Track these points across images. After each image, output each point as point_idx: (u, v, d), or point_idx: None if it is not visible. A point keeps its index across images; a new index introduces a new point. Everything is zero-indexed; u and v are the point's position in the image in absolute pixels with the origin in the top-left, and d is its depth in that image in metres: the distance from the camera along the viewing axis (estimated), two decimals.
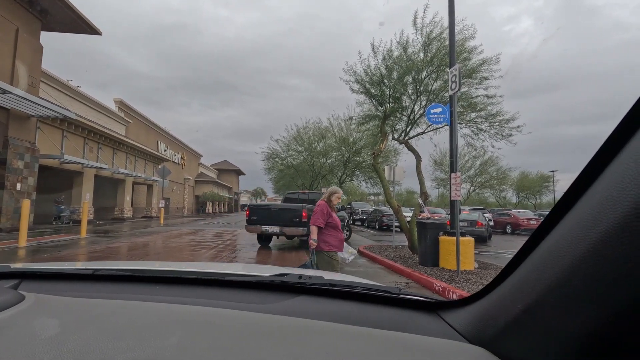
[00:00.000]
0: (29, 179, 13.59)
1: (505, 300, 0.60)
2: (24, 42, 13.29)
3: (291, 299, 0.91)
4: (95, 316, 0.70)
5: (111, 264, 1.26)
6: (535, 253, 0.55)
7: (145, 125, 32.46)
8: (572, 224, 0.48)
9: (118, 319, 0.69)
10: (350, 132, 21.32)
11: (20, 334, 0.58)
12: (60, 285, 1.00)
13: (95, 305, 0.77)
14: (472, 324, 0.67)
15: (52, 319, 0.67)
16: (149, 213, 29.70)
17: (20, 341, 0.55)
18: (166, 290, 0.98)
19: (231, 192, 66.36)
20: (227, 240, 12.07)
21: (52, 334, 0.59)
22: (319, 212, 4.03)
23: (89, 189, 20.00)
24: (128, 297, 0.87)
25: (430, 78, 9.34)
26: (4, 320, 0.62)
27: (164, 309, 0.78)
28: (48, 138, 15.99)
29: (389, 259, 7.68)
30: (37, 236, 11.29)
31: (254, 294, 0.96)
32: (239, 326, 0.70)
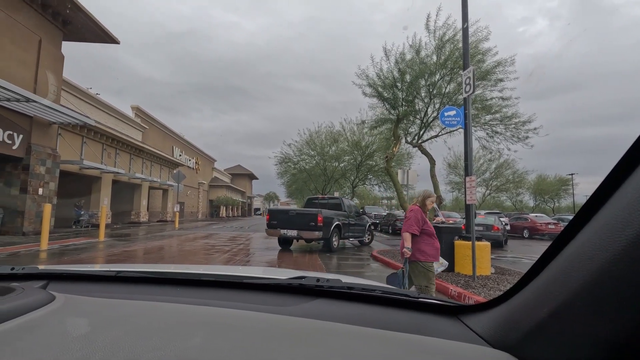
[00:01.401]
0: (51, 184, 14.02)
1: (530, 304, 0.59)
2: (47, 52, 13.78)
3: (309, 301, 0.91)
4: (121, 316, 0.72)
5: (132, 266, 1.30)
6: (561, 257, 0.54)
7: (161, 131, 33.13)
8: (599, 226, 0.47)
9: (143, 319, 0.71)
10: (363, 135, 21.28)
11: (53, 332, 0.61)
12: (85, 286, 1.04)
13: (119, 305, 0.80)
14: (495, 328, 0.66)
15: (81, 318, 0.70)
16: (164, 217, 30.22)
17: (54, 339, 0.58)
18: (186, 292, 1.00)
19: (244, 197, 66.96)
20: (241, 244, 12.17)
21: (82, 333, 0.62)
22: (412, 218, 3.71)
23: (107, 194, 20.49)
24: (150, 298, 0.90)
25: (444, 81, 9.28)
26: (38, 318, 0.64)
27: (186, 310, 0.79)
28: (68, 144, 16.49)
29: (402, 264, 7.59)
30: (58, 239, 11.62)
31: (272, 297, 0.97)
32: (259, 328, 0.71)
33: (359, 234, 12.47)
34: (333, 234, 10.33)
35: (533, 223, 19.27)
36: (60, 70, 14.86)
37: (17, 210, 12.73)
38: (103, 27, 15.51)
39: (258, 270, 2.18)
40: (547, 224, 18.82)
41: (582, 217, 0.51)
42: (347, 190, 31.15)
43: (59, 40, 14.66)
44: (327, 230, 10.07)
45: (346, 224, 11.33)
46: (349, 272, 7.31)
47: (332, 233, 10.23)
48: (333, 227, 10.29)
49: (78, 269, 1.20)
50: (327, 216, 10.18)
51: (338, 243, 10.83)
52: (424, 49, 8.64)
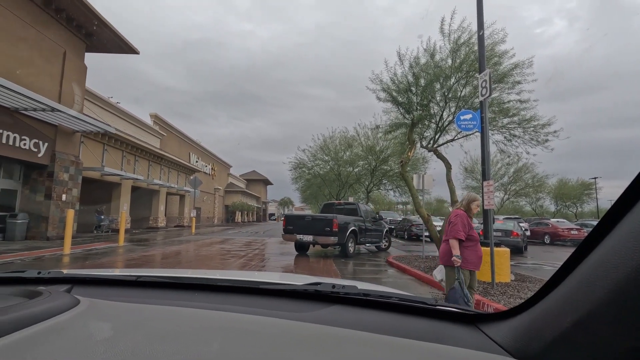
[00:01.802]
0: (73, 190, 14.49)
1: (553, 313, 0.57)
2: (71, 63, 14.33)
3: (325, 308, 0.91)
4: (141, 320, 0.74)
5: (151, 271, 1.34)
6: (584, 264, 0.53)
7: (178, 138, 33.85)
8: (626, 233, 0.46)
9: (162, 324, 0.73)
10: (377, 140, 21.17)
11: (79, 335, 0.62)
12: (107, 290, 1.07)
13: (140, 309, 0.82)
14: (516, 338, 0.65)
15: (104, 322, 0.72)
16: (181, 222, 30.75)
17: (79, 342, 0.60)
18: (204, 297, 1.02)
19: (259, 202, 67.50)
20: (256, 250, 12.24)
21: (105, 336, 0.64)
22: (459, 223, 3.55)
23: (127, 200, 21.03)
24: (169, 302, 0.91)
25: (459, 84, 9.16)
26: (64, 322, 0.67)
27: (204, 315, 0.81)
28: (90, 152, 17.05)
29: (419, 270, 7.48)
30: (81, 244, 11.97)
31: (287, 303, 0.97)
32: (276, 334, 0.71)
33: (376, 240, 12.39)
34: (349, 239, 10.32)
35: (554, 229, 18.69)
36: (84, 80, 15.42)
37: (42, 216, 13.19)
38: (124, 38, 16.04)
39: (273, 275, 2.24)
40: (570, 230, 18.22)
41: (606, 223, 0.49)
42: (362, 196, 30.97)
43: (82, 52, 15.25)
44: (343, 235, 10.07)
45: (363, 229, 11.28)
46: (364, 278, 7.25)
47: (347, 238, 10.23)
48: (349, 232, 10.28)
49: (100, 273, 1.24)
50: (342, 221, 10.18)
51: (354, 248, 10.80)
52: (438, 52, 8.57)
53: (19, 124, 12.01)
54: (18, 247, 10.61)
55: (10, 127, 11.66)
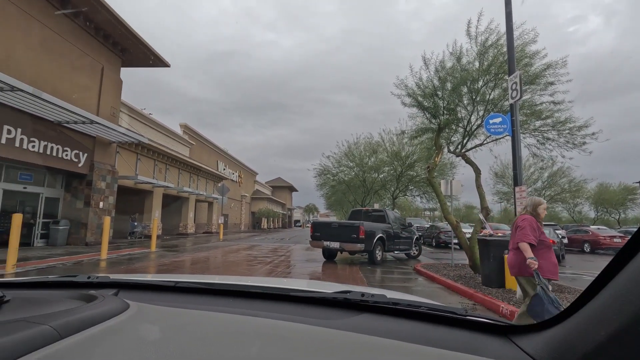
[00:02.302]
0: (110, 198, 15.24)
1: (587, 326, 0.55)
2: (108, 78, 15.19)
3: (354, 316, 0.92)
4: (183, 324, 0.78)
5: (187, 277, 1.39)
6: (621, 275, 0.51)
7: (206, 147, 34.89)
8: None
9: (202, 328, 0.77)
10: (403, 146, 20.90)
11: (131, 337, 0.67)
12: (149, 295, 1.12)
13: (180, 314, 0.87)
14: (549, 351, 0.63)
15: (152, 325, 0.77)
16: (209, 229, 31.53)
17: (132, 343, 0.64)
18: (238, 303, 1.05)
19: (284, 208, 68.13)
20: (282, 256, 12.34)
21: (154, 339, 0.68)
22: (527, 227, 3.31)
23: (158, 207, 21.84)
24: (205, 307, 0.94)
25: (488, 87, 8.91)
26: (118, 324, 0.71)
27: (239, 320, 0.84)
28: (125, 161, 17.89)
29: (448, 279, 7.26)
30: (116, 249, 12.53)
31: (317, 310, 0.99)
32: (307, 340, 0.73)
33: (406, 247, 12.19)
34: (376, 246, 10.22)
35: (595, 236, 17.62)
36: (119, 93, 16.28)
37: (81, 222, 13.95)
38: (156, 52, 16.83)
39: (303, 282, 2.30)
40: (612, 238, 17.11)
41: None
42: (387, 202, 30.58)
43: (118, 67, 16.12)
44: (370, 242, 9.99)
45: (391, 236, 11.14)
46: (391, 286, 7.13)
47: (375, 245, 10.13)
48: (376, 239, 10.19)
49: (142, 278, 1.32)
50: (369, 228, 10.10)
51: (382, 256, 10.68)
52: (465, 55, 8.39)
53: (61, 136, 12.82)
54: (60, 252, 11.25)
55: (54, 139, 12.47)
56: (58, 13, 12.65)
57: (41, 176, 13.44)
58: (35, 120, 11.63)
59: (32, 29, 11.68)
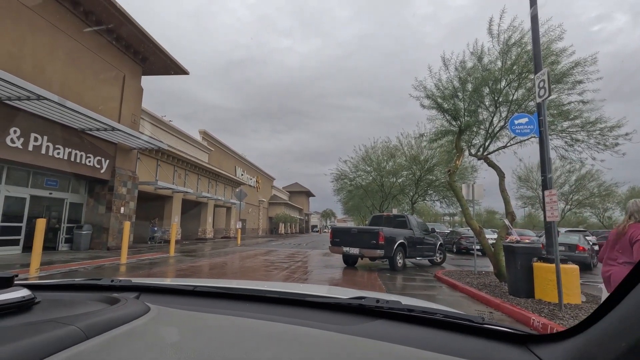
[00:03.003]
0: (130, 203, 15.55)
1: (608, 336, 0.54)
2: (129, 86, 15.59)
3: (369, 322, 0.92)
4: (202, 327, 0.80)
5: (205, 281, 1.41)
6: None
7: (225, 152, 35.35)
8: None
9: (220, 331, 0.79)
10: (422, 149, 20.49)
11: (152, 339, 0.70)
12: (169, 299, 1.14)
13: (199, 317, 0.89)
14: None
15: (172, 328, 0.79)
16: (227, 234, 31.81)
17: (153, 345, 0.66)
18: (254, 307, 1.06)
19: (302, 214, 68.18)
20: (299, 262, 12.21)
21: (174, 341, 0.70)
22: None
23: (177, 212, 22.17)
24: (223, 312, 0.95)
25: (511, 87, 8.56)
26: (140, 326, 0.73)
27: (255, 325, 0.85)
28: (145, 167, 18.27)
29: (472, 287, 6.94)
30: (136, 254, 12.72)
31: (332, 315, 0.99)
32: (322, 345, 0.74)
33: (429, 253, 11.91)
34: (397, 252, 10.06)
35: None
36: (140, 101, 16.68)
37: (103, 227, 14.26)
38: (176, 60, 17.19)
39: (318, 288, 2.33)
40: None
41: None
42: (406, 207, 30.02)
43: (139, 75, 16.54)
44: (390, 248, 9.83)
45: (413, 242, 10.92)
46: (411, 294, 6.86)
47: (395, 251, 9.97)
48: (397, 245, 10.03)
49: (162, 282, 1.36)
50: (389, 234, 9.94)
51: (403, 262, 10.48)
52: (486, 54, 8.09)
53: (85, 143, 13.19)
54: (82, 256, 11.51)
55: (77, 146, 12.84)
56: (87, 30, 13.10)
57: (66, 182, 13.85)
58: (60, 128, 12.01)
59: (59, 41, 12.12)
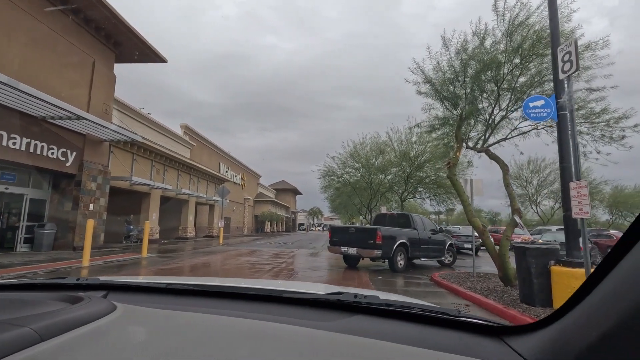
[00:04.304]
0: (101, 199, 14.32)
1: (580, 326, 0.55)
2: (100, 73, 14.33)
3: (348, 317, 0.91)
4: (173, 326, 0.77)
5: (179, 279, 1.34)
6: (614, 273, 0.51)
7: (208, 148, 34.05)
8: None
9: (193, 330, 0.75)
10: (412, 145, 19.83)
11: (117, 338, 0.66)
12: (139, 297, 1.10)
13: (170, 316, 0.86)
14: (542, 352, 0.62)
15: (139, 327, 0.76)
16: (210, 232, 30.56)
17: (118, 345, 0.63)
18: (230, 304, 1.04)
19: (288, 212, 67.12)
20: (283, 263, 11.31)
21: (141, 340, 0.68)
22: None
23: (155, 210, 20.92)
24: (197, 309, 0.92)
25: (513, 73, 7.87)
26: (104, 326, 0.70)
27: (231, 322, 0.83)
28: (120, 161, 17.00)
29: (476, 292, 6.18)
30: (105, 255, 11.58)
31: (310, 311, 0.97)
32: (300, 341, 0.72)
33: (436, 254, 11.27)
34: (397, 252, 9.54)
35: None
36: (112, 90, 15.41)
37: (69, 226, 13.02)
38: (152, 47, 15.98)
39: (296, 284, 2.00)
40: None
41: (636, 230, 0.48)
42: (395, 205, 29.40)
43: (111, 62, 15.27)
44: (389, 248, 9.32)
45: (416, 242, 10.34)
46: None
47: (395, 252, 9.45)
48: (397, 245, 9.51)
49: (133, 280, 1.28)
50: (388, 233, 9.46)
51: (405, 263, 9.88)
52: (490, 35, 7.34)
53: (47, 133, 11.93)
54: (40, 257, 10.32)
55: (38, 136, 11.58)
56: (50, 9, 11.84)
57: (26, 176, 12.56)
58: (17, 116, 10.76)
59: (18, 20, 10.85)
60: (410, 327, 0.85)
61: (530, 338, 0.69)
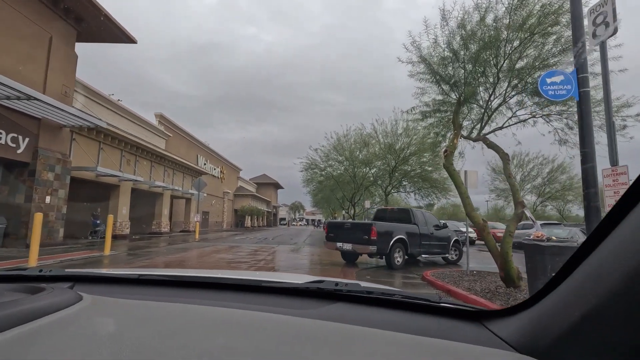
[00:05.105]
0: (60, 191, 12.96)
1: (561, 307, 0.56)
2: (58, 50, 12.88)
3: (328, 305, 0.89)
4: (145, 316, 0.73)
5: (154, 270, 1.28)
6: (594, 256, 0.51)
7: (185, 139, 32.48)
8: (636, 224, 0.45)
9: (166, 320, 0.72)
10: (397, 137, 19.22)
11: (82, 330, 0.62)
12: (109, 288, 1.04)
13: (143, 306, 0.81)
14: (522, 334, 0.63)
15: (108, 318, 0.72)
16: (187, 227, 29.18)
17: (83, 336, 0.59)
18: (207, 294, 0.99)
19: (269, 206, 65.92)
20: (262, 260, 10.44)
21: (109, 331, 0.64)
22: None
23: (126, 203, 19.51)
24: (172, 300, 0.88)
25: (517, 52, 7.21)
26: (68, 317, 0.65)
27: (207, 312, 0.79)
28: (84, 150, 15.55)
29: (477, 295, 5.52)
30: (59, 253, 10.35)
31: (290, 300, 0.95)
32: (279, 329, 0.70)
33: (439, 250, 10.70)
34: (394, 249, 9.05)
35: None
36: (73, 70, 13.95)
37: (21, 220, 11.67)
38: (119, 24, 14.59)
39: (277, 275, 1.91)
40: None
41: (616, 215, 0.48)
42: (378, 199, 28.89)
43: (72, 39, 13.79)
44: (385, 244, 8.86)
45: (416, 238, 9.80)
46: None
47: (392, 248, 8.96)
48: (393, 241, 9.01)
49: (102, 271, 1.22)
50: (383, 229, 9.00)
51: (403, 260, 9.36)
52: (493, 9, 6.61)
53: None
54: None
55: None
56: None
57: None
58: None
59: None
60: (391, 313, 0.85)
61: (509, 321, 0.69)
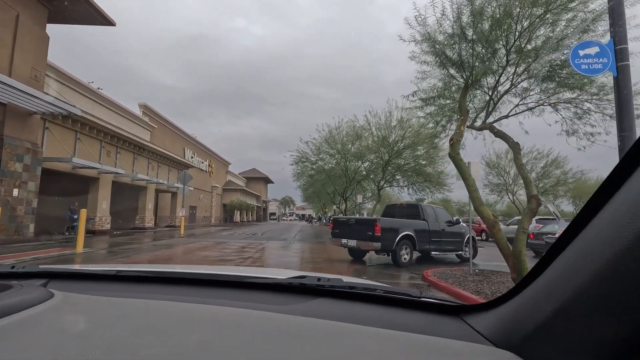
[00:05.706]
0: (30, 183, 11.99)
1: (535, 302, 0.57)
2: (26, 30, 11.83)
3: (310, 300, 0.89)
4: (120, 314, 0.71)
5: (133, 266, 1.24)
6: (566, 253, 0.52)
7: (171, 131, 31.32)
8: (606, 222, 0.46)
9: (141, 317, 0.71)
10: (391, 130, 18.60)
11: (50, 328, 0.60)
12: (85, 285, 1.03)
13: (119, 303, 0.79)
14: (498, 328, 0.65)
15: (79, 316, 0.70)
16: (173, 222, 28.19)
17: (50, 335, 0.56)
18: (186, 291, 0.98)
19: (259, 201, 64.99)
20: (249, 258, 9.74)
21: (79, 330, 0.62)
22: None
23: (106, 196, 18.50)
24: (150, 296, 0.87)
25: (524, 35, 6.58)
26: (35, 315, 0.64)
27: (186, 308, 0.78)
28: (58, 140, 14.51)
29: (487, 299, 4.91)
30: (26, 251, 9.45)
31: (272, 296, 0.94)
32: (259, 326, 0.69)
33: (452, 247, 10.19)
34: (401, 245, 8.67)
35: None
36: (45, 53, 12.91)
37: None
38: (96, 5, 13.53)
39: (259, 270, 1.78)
40: None
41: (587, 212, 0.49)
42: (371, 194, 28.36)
43: (42, 19, 12.72)
44: (390, 241, 8.50)
45: (425, 234, 9.34)
46: None
47: (398, 245, 8.58)
48: (399, 237, 8.63)
49: (78, 268, 1.20)
50: (388, 225, 8.67)
51: (411, 257, 8.95)
52: None
53: None
54: None
55: None
56: None
57: None
58: None
59: None
60: (373, 308, 0.86)
61: (487, 315, 0.71)
